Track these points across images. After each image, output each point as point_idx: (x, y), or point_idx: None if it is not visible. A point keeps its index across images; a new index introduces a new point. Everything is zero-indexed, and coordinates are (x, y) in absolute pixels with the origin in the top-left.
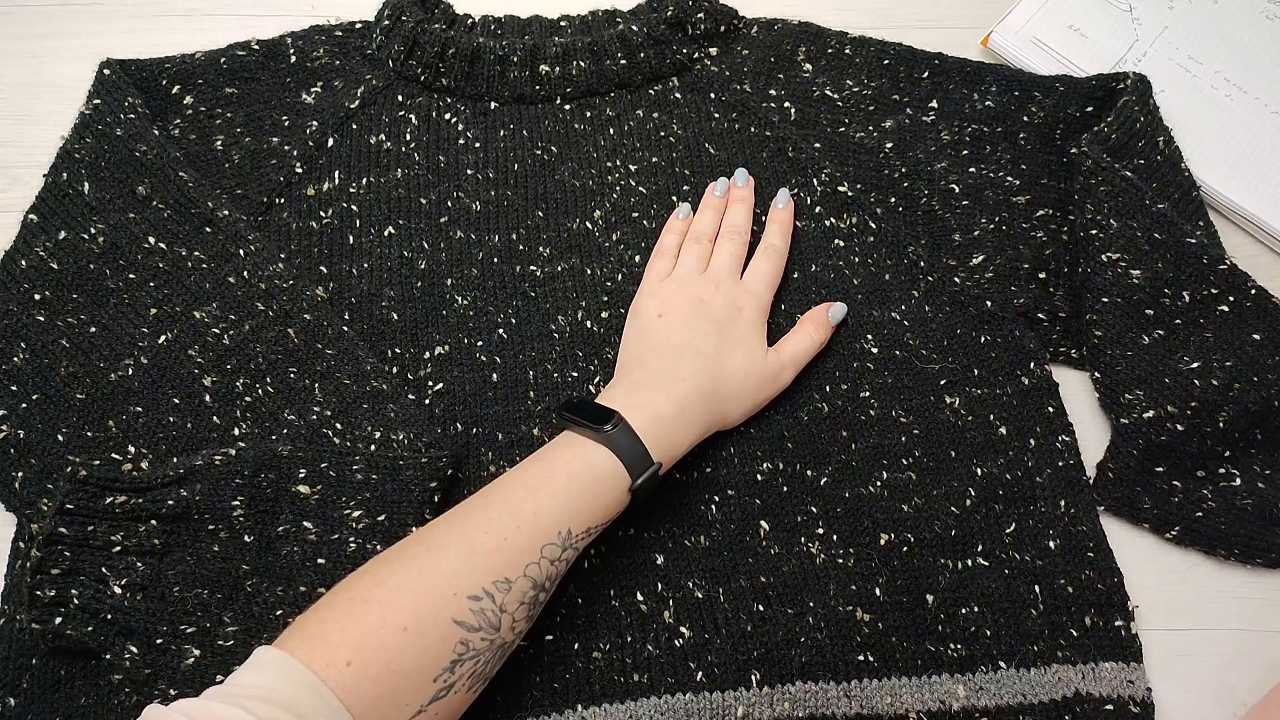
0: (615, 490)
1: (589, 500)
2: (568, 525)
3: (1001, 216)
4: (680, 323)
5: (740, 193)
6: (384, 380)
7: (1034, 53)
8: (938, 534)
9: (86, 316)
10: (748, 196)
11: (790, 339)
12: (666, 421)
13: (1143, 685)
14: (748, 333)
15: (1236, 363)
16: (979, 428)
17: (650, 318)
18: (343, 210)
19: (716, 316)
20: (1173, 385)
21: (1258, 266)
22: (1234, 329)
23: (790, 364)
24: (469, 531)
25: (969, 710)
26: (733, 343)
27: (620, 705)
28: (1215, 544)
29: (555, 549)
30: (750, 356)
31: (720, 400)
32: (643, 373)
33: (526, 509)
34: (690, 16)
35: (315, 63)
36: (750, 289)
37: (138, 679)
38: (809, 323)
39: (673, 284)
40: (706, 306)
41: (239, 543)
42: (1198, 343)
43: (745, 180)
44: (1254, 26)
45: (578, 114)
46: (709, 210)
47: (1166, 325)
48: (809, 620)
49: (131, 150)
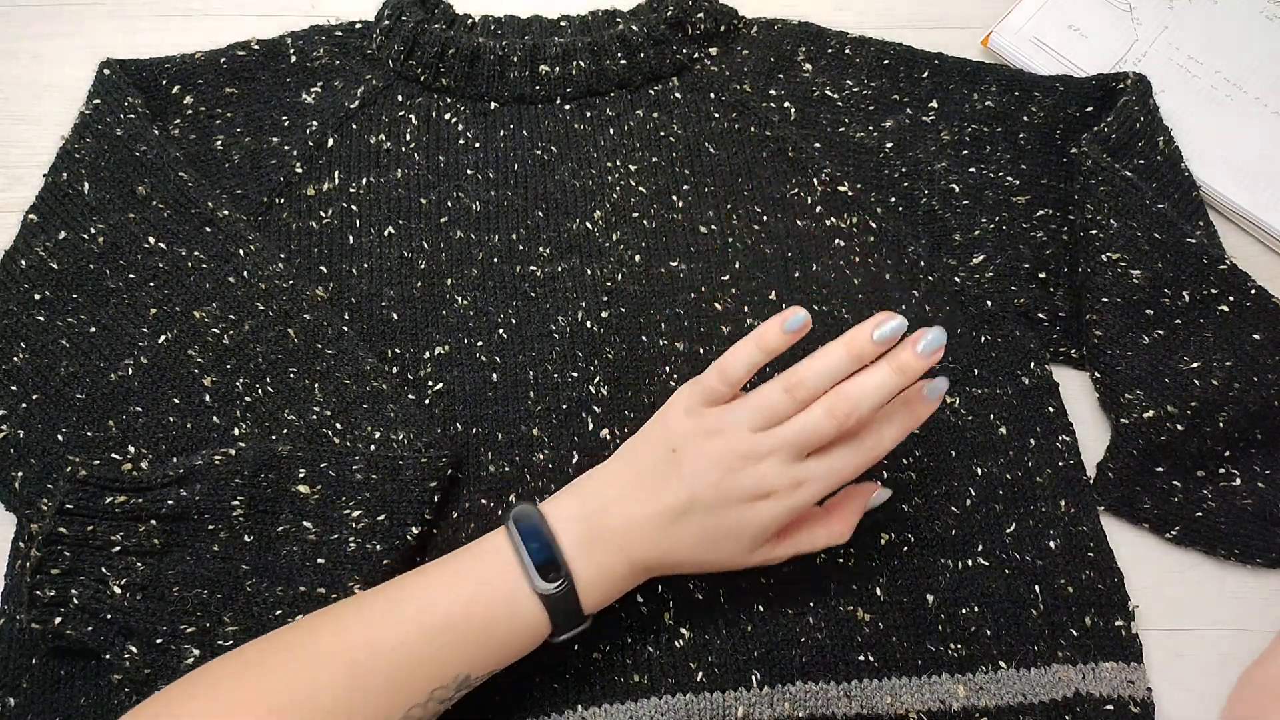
0: (533, 640)
1: (500, 647)
2: (468, 671)
3: (1001, 216)
4: (687, 474)
5: (909, 360)
6: (384, 380)
7: (1034, 53)
8: (938, 534)
9: (86, 316)
10: (913, 371)
11: (801, 532)
12: (615, 584)
13: (1143, 685)
14: (752, 530)
15: (1236, 362)
16: (979, 427)
17: (664, 448)
18: (343, 210)
19: (730, 494)
20: (1173, 385)
21: (1258, 267)
22: (1234, 329)
23: (785, 557)
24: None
25: (969, 710)
26: (726, 530)
27: (620, 706)
28: (1215, 544)
29: (447, 691)
30: (735, 550)
31: (680, 568)
32: (620, 504)
33: (429, 649)
34: (690, 16)
35: (315, 63)
36: (800, 480)
37: (138, 679)
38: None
39: (714, 424)
40: (729, 477)
41: (239, 543)
42: (1198, 343)
43: (933, 347)
44: (1254, 26)
45: (578, 114)
46: (843, 353)
47: (1166, 325)
48: (809, 620)
49: (131, 150)
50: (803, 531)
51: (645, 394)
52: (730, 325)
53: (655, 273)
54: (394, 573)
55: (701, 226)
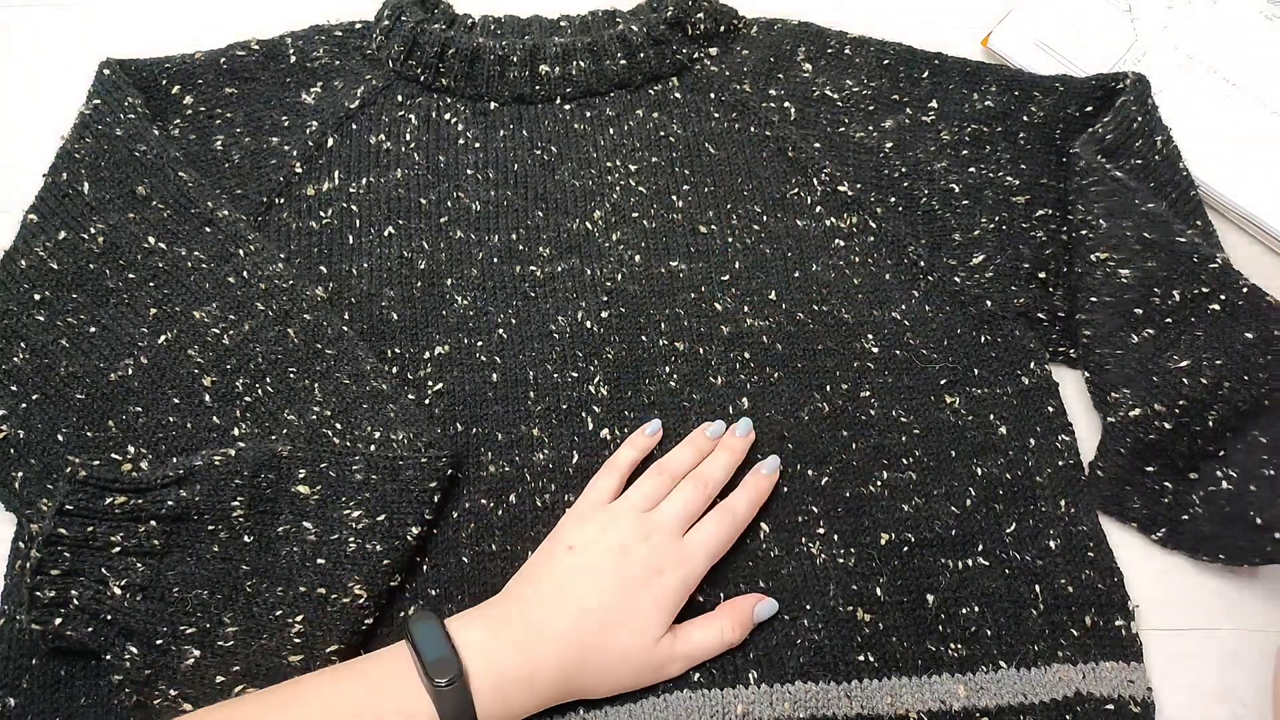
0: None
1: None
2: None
3: (1001, 216)
4: (584, 566)
5: (734, 442)
6: (384, 380)
7: (1034, 53)
8: (938, 534)
9: (86, 316)
10: (739, 449)
11: (695, 627)
12: (510, 687)
13: (1143, 685)
14: (652, 607)
15: (1227, 361)
16: (979, 427)
17: (561, 548)
18: (343, 210)
19: (627, 574)
20: (1161, 384)
21: (1258, 267)
22: (1225, 328)
23: (682, 658)
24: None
25: (969, 710)
26: (628, 614)
27: (621, 707)
28: (1199, 548)
29: None
30: (639, 639)
31: (583, 675)
32: (521, 607)
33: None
34: (690, 16)
35: (315, 63)
36: (685, 553)
37: (138, 679)
38: (726, 616)
39: (605, 516)
40: (623, 558)
41: (239, 543)
42: (1188, 342)
43: (746, 431)
44: (1252, 26)
45: (578, 114)
46: (691, 448)
47: (1156, 324)
48: (808, 621)
49: (131, 150)
50: (697, 628)
51: (645, 394)
52: (730, 325)
53: (655, 273)
54: (394, 572)
55: (701, 226)
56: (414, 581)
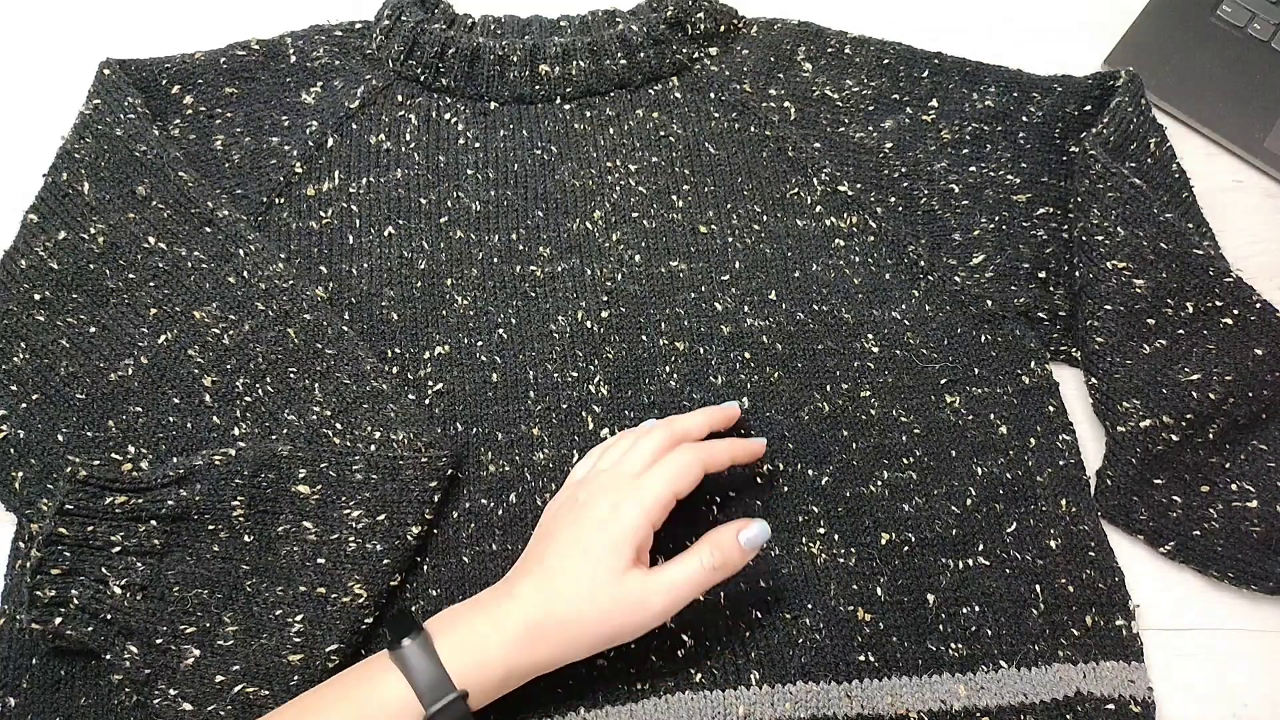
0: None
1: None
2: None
3: (1001, 215)
4: (549, 524)
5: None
6: (384, 380)
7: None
8: (939, 533)
9: (86, 316)
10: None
11: (675, 561)
12: (484, 645)
13: (1144, 685)
14: (609, 546)
15: (1237, 376)
16: (979, 427)
17: (549, 512)
18: (342, 210)
19: (581, 517)
20: (1170, 395)
21: (1258, 268)
22: (1237, 342)
23: (663, 590)
24: None
25: (970, 710)
26: (582, 558)
27: (621, 707)
28: (1209, 564)
29: None
30: (597, 575)
31: (557, 628)
32: (504, 585)
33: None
34: (690, 16)
35: (315, 63)
36: (642, 483)
37: (138, 679)
38: (704, 543)
39: (576, 481)
40: (581, 509)
41: (239, 543)
42: (1199, 354)
43: (734, 407)
44: None
45: (578, 114)
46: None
47: (1169, 335)
48: (808, 621)
49: (131, 150)
50: (675, 560)
51: (645, 394)
52: (730, 325)
53: (655, 273)
54: (394, 572)
55: (701, 226)
56: (414, 581)
